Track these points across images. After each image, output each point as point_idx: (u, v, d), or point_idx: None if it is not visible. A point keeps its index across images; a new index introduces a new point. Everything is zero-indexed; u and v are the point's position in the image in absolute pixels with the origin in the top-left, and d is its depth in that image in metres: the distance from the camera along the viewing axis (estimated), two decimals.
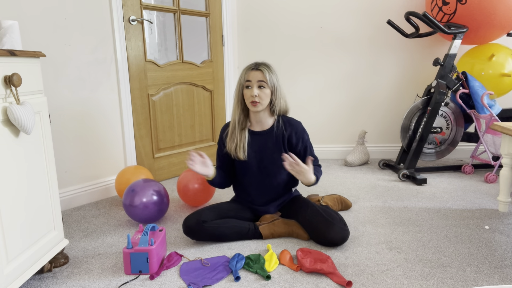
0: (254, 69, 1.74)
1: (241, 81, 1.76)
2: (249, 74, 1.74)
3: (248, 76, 1.73)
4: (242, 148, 1.80)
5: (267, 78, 1.72)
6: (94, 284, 1.45)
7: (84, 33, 2.18)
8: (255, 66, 1.74)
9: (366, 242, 1.74)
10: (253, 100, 1.72)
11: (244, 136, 1.81)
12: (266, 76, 1.72)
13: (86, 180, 2.32)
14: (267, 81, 1.72)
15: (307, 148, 1.83)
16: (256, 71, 1.73)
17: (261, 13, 3.11)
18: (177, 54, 2.73)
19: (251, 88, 1.72)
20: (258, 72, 1.72)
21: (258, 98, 1.71)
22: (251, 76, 1.73)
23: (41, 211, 1.40)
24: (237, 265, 1.51)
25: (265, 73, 1.72)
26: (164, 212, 1.99)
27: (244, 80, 1.75)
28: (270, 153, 1.81)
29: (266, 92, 1.73)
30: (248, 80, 1.73)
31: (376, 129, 3.25)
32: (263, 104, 1.74)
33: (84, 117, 2.25)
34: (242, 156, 1.80)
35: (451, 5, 2.57)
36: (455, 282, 1.40)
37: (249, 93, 1.72)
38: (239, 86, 1.78)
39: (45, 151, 1.42)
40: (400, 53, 3.09)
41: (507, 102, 3.10)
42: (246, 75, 1.74)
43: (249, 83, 1.73)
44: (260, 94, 1.72)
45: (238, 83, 1.78)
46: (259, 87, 1.72)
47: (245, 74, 1.75)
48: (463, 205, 2.17)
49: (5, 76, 1.20)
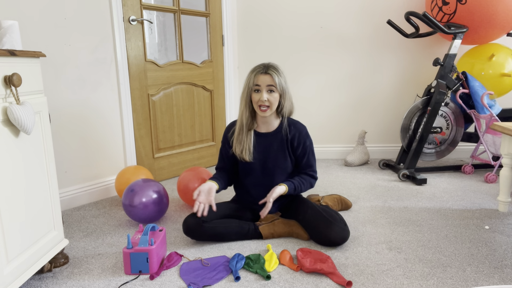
0: (263, 73, 1.70)
1: (249, 84, 1.72)
2: (258, 78, 1.70)
3: (257, 80, 1.70)
4: (248, 150, 1.80)
5: (277, 82, 1.69)
6: (94, 284, 1.45)
7: (84, 33, 2.18)
8: (264, 70, 1.70)
9: (366, 242, 1.73)
10: (262, 105, 1.70)
11: (250, 137, 1.80)
12: (275, 80, 1.68)
13: (86, 180, 2.32)
14: (277, 85, 1.69)
15: (305, 154, 1.82)
16: (265, 75, 1.69)
17: (261, 13, 3.11)
18: (177, 54, 2.73)
19: (260, 92, 1.70)
20: (267, 76, 1.69)
21: (267, 103, 1.69)
22: (260, 80, 1.69)
23: (41, 211, 1.39)
24: (237, 265, 1.51)
25: (275, 77, 1.68)
26: (164, 212, 1.99)
27: (252, 84, 1.71)
28: (274, 155, 1.81)
29: (275, 96, 1.71)
30: (257, 84, 1.70)
31: (376, 129, 3.25)
32: (272, 109, 1.72)
33: (84, 117, 2.25)
34: (248, 157, 1.80)
35: (451, 5, 2.57)
36: (455, 282, 1.40)
37: (258, 97, 1.70)
38: (247, 89, 1.74)
39: (45, 151, 1.42)
40: (400, 53, 3.09)
41: (507, 102, 3.10)
42: (255, 79, 1.70)
43: (258, 87, 1.70)
44: (270, 98, 1.69)
45: (246, 86, 1.74)
46: (268, 91, 1.70)
47: (254, 78, 1.71)
48: (463, 205, 2.17)
49: (5, 76, 1.20)
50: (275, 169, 1.82)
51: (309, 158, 1.84)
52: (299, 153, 1.82)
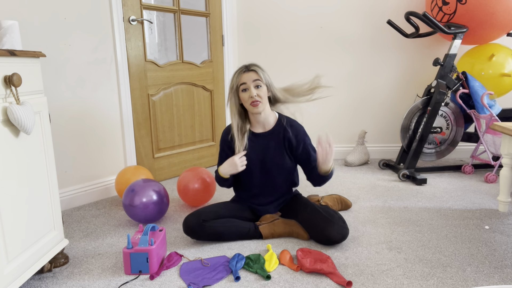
0: (246, 71, 1.73)
1: (234, 85, 1.75)
2: (242, 76, 1.73)
3: (242, 79, 1.73)
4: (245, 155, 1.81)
5: (262, 76, 1.73)
6: (94, 284, 1.45)
7: (84, 33, 2.18)
8: (246, 68, 1.74)
9: (366, 242, 1.74)
10: (254, 100, 1.71)
11: (244, 141, 1.80)
12: (260, 74, 1.73)
13: (86, 180, 2.32)
14: (262, 79, 1.73)
15: (309, 152, 1.82)
16: (248, 72, 1.73)
17: (261, 13, 3.11)
18: (177, 54, 2.73)
19: (248, 90, 1.72)
20: (251, 72, 1.73)
21: (258, 98, 1.71)
22: (245, 78, 1.72)
23: (41, 211, 1.40)
24: (237, 265, 1.51)
25: (259, 72, 1.73)
26: (164, 212, 1.99)
27: (238, 84, 1.74)
28: (272, 154, 1.81)
29: (264, 90, 1.74)
30: (243, 82, 1.72)
31: (376, 129, 3.25)
32: (263, 102, 1.74)
33: (84, 117, 2.25)
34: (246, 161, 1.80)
35: (451, 5, 2.57)
36: (455, 282, 1.40)
37: (248, 95, 1.72)
38: (231, 90, 1.76)
39: (45, 151, 1.42)
40: (400, 53, 3.09)
41: (507, 102, 3.10)
42: (239, 79, 1.74)
43: (245, 86, 1.72)
44: (259, 93, 1.72)
45: (231, 88, 1.76)
46: (256, 87, 1.72)
47: (237, 78, 1.74)
48: (463, 205, 2.17)
49: (5, 76, 1.20)
50: (274, 168, 1.82)
51: (313, 154, 1.84)
52: (300, 152, 1.82)
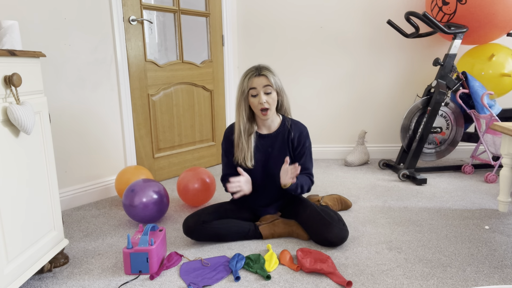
0: (257, 75, 1.68)
1: (244, 89, 1.70)
2: (252, 81, 1.68)
3: (252, 83, 1.68)
4: (250, 157, 1.77)
5: (272, 82, 1.67)
6: (94, 284, 1.45)
7: (84, 33, 2.18)
8: (257, 72, 1.68)
9: (366, 242, 1.73)
10: (263, 108, 1.68)
11: (251, 142, 1.77)
12: (271, 80, 1.67)
13: (86, 180, 2.32)
14: (273, 84, 1.68)
15: (304, 155, 1.80)
16: (259, 77, 1.67)
17: (261, 13, 3.11)
18: (177, 54, 2.73)
19: (258, 95, 1.67)
20: (262, 77, 1.67)
21: (267, 105, 1.67)
22: (255, 82, 1.67)
23: (41, 211, 1.40)
24: (237, 265, 1.51)
25: (269, 77, 1.67)
26: (164, 212, 1.99)
27: (248, 88, 1.69)
28: (275, 155, 1.80)
29: (273, 97, 1.69)
30: (253, 87, 1.68)
31: (376, 129, 3.25)
32: (272, 110, 1.71)
33: (84, 117, 2.25)
34: (250, 163, 1.78)
35: (451, 5, 2.57)
36: (455, 282, 1.40)
37: (257, 101, 1.67)
38: (241, 94, 1.71)
39: (45, 151, 1.42)
40: (400, 53, 3.09)
41: (507, 102, 3.10)
42: (250, 83, 1.68)
43: (255, 91, 1.67)
44: (268, 100, 1.68)
45: (240, 91, 1.71)
46: (266, 93, 1.68)
47: (248, 82, 1.68)
48: (463, 205, 2.17)
49: (5, 76, 1.20)
50: (277, 169, 1.81)
51: (306, 160, 1.81)
52: (297, 152, 1.81)
